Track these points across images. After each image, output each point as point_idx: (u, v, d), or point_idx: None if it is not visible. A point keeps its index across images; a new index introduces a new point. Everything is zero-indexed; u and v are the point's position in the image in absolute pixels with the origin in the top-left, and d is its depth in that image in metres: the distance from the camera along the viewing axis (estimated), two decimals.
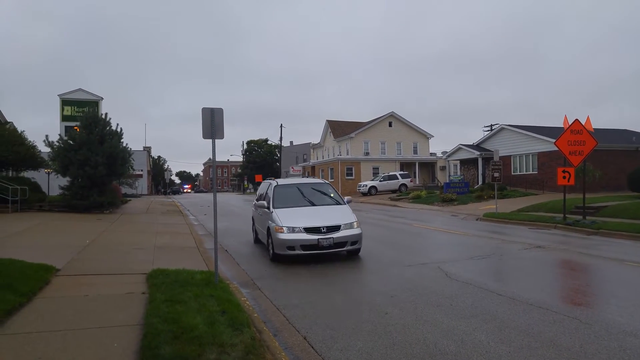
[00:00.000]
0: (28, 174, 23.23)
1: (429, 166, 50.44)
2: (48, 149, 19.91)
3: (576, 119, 16.61)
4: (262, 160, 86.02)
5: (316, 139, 63.14)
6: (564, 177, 16.26)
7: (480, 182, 37.20)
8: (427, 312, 5.92)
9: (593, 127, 17.85)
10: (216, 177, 7.70)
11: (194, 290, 6.30)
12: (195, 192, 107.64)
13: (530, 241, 12.29)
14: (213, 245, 12.16)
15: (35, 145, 21.46)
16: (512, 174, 34.49)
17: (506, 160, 34.18)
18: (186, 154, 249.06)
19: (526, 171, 33.74)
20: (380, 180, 40.07)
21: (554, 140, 30.21)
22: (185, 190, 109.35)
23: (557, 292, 7.13)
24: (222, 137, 6.98)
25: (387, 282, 7.58)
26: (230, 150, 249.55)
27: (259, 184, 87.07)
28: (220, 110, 6.97)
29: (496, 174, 21.33)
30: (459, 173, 44.10)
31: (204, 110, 6.90)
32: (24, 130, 22.14)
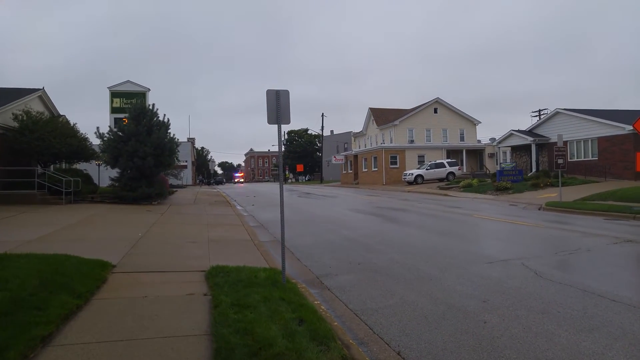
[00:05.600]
0: (80, 165, 23.67)
1: (476, 153, 48.23)
2: (99, 141, 20.09)
3: None
4: (302, 150, 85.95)
5: (357, 129, 61.96)
6: None
7: (534, 170, 35.08)
8: (534, 322, 5.00)
9: None
10: (282, 166, 6.93)
11: (261, 292, 5.66)
12: (235, 183, 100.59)
13: (613, 234, 10.96)
14: (267, 238, 11.67)
15: (87, 137, 21.73)
16: (569, 160, 32.18)
17: (555, 146, 31.94)
18: (228, 145, 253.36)
19: (584, 157, 31.36)
20: (426, 169, 38.61)
21: (617, 124, 28.07)
22: (237, 180, 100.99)
23: None
24: (288, 122, 6.27)
25: (471, 283, 6.69)
26: (272, 141, 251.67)
27: (300, 173, 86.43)
28: (286, 93, 6.24)
29: (560, 160, 19.68)
30: (508, 160, 41.84)
31: (269, 92, 6.19)
32: (76, 123, 22.47)
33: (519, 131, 37.32)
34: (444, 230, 12.43)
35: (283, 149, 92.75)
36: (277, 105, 6.13)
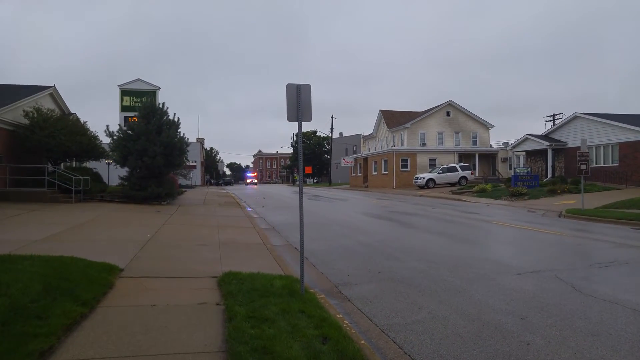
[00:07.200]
0: (90, 164, 23.45)
1: (489, 158, 47.45)
2: (109, 140, 19.81)
3: None
4: (310, 152, 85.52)
5: (366, 132, 61.41)
6: None
7: (549, 175, 34.32)
8: (585, 346, 4.48)
9: None
10: (302, 166, 6.55)
11: (278, 303, 5.22)
12: (247, 184, 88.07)
13: None
14: (280, 242, 11.21)
15: (97, 136, 21.50)
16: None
17: (578, 151, 31.21)
18: (236, 146, 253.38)
19: (604, 163, 30.55)
20: (438, 173, 37.95)
21: None
22: (249, 181, 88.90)
23: None
24: (309, 119, 5.83)
25: (504, 297, 6.18)
26: (280, 142, 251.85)
27: (308, 175, 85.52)
28: (308, 87, 5.80)
29: (583, 166, 18.99)
30: (521, 165, 41.05)
31: (289, 87, 5.75)
32: (86, 121, 22.25)
33: (534, 135, 36.59)
34: (464, 237, 11.90)
35: (291, 150, 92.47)
36: (298, 101, 5.69)
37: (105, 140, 20.72)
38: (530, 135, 36.87)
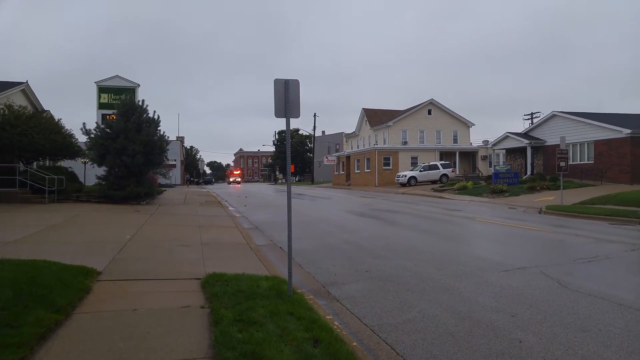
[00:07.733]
0: (65, 163, 22.72)
1: (469, 156, 48.00)
2: (86, 138, 19.20)
3: None
4: (293, 150, 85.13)
5: (349, 131, 61.49)
6: None
7: (528, 173, 34.90)
8: (576, 342, 4.46)
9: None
10: (289, 166, 6.34)
11: (266, 305, 5.05)
12: (229, 183, 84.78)
13: (627, 240, 10.61)
14: (264, 241, 11.01)
15: (72, 134, 20.80)
16: None
17: (557, 149, 31.84)
18: (217, 145, 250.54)
19: (580, 161, 31.25)
20: (420, 171, 38.24)
21: (615, 127, 27.98)
22: (232, 180, 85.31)
23: None
24: (297, 115, 5.66)
25: (493, 294, 6.14)
26: (262, 141, 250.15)
27: (291, 174, 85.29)
28: (296, 83, 5.62)
29: (562, 163, 19.34)
30: (501, 163, 41.68)
31: (277, 82, 5.56)
32: (60, 119, 21.50)
33: (514, 133, 37.17)
34: (448, 234, 11.92)
35: (273, 149, 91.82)
36: (286, 97, 5.51)
37: (82, 138, 20.09)
38: (510, 133, 37.43)
